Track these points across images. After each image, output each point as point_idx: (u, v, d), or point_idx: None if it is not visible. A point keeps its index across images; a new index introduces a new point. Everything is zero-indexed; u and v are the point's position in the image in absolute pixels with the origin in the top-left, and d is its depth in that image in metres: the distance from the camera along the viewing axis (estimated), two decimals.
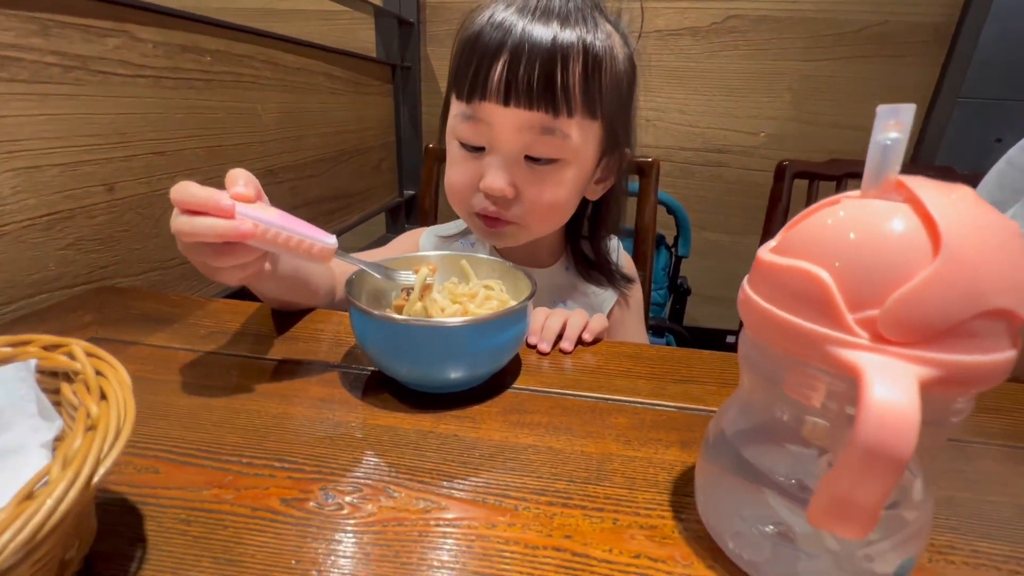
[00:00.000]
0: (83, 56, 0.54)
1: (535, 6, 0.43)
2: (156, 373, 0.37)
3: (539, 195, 0.47)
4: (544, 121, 0.44)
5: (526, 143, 0.45)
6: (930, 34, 1.25)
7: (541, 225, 0.51)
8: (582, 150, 0.47)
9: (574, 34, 0.43)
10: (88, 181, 0.55)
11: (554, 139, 0.45)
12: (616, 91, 0.47)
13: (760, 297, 0.20)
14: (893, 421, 0.15)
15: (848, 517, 0.17)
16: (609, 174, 0.53)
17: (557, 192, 0.47)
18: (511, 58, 0.42)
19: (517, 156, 0.46)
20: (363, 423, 0.33)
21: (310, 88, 1.00)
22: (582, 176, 0.49)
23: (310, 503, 0.26)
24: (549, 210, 0.49)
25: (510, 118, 0.44)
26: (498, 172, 0.46)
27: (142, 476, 0.27)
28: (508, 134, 0.45)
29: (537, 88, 0.42)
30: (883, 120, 0.18)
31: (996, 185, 0.63)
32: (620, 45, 0.47)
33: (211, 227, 0.31)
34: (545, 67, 0.42)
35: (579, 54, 0.43)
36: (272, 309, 0.48)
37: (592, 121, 0.46)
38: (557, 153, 0.46)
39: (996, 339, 0.17)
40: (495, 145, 0.46)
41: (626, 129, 0.51)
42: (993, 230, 0.17)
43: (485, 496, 0.27)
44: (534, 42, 0.42)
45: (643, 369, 0.40)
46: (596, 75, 0.44)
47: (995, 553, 0.25)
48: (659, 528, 0.25)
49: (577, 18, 0.43)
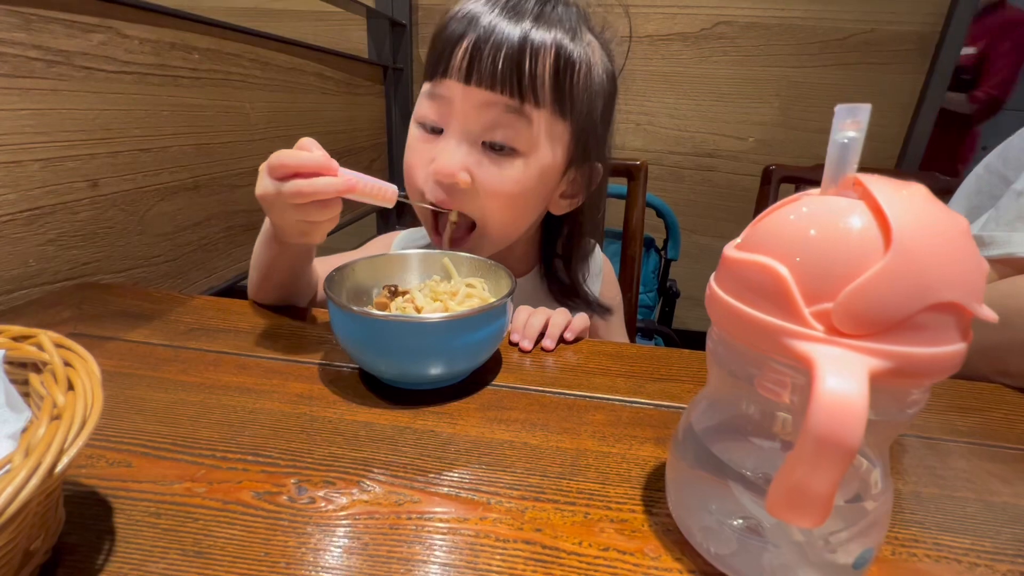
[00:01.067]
0: (67, 51, 0.53)
1: (513, 5, 0.43)
2: (133, 368, 0.37)
3: (498, 182, 0.45)
4: (507, 103, 0.42)
5: (485, 124, 0.44)
6: (914, 42, 1.28)
7: (498, 222, 0.47)
8: (545, 147, 0.45)
9: (549, 35, 0.42)
10: (71, 177, 0.55)
11: (516, 124, 0.43)
12: (590, 101, 0.46)
13: (724, 292, 0.21)
14: (842, 411, 0.15)
15: (803, 506, 0.17)
16: (577, 190, 0.51)
17: (516, 183, 0.45)
18: (477, 39, 0.42)
19: (475, 139, 0.44)
20: (340, 418, 0.33)
21: (301, 88, 1.00)
22: (545, 175, 0.46)
23: (282, 497, 0.26)
24: (506, 203, 0.46)
25: (472, 96, 0.43)
26: (451, 154, 0.44)
27: (114, 470, 0.27)
28: (468, 110, 0.43)
29: (502, 70, 0.41)
30: (841, 119, 0.19)
31: (974, 190, 0.64)
32: (601, 59, 0.47)
33: (330, 184, 0.36)
34: (512, 53, 0.41)
35: (551, 51, 0.42)
36: (254, 306, 0.48)
37: (560, 120, 0.45)
38: (518, 142, 0.44)
39: (945, 332, 0.17)
40: (454, 124, 0.44)
41: (599, 143, 0.50)
42: (943, 226, 0.17)
43: (458, 490, 0.27)
44: (502, 30, 0.42)
45: (622, 367, 0.41)
46: (568, 75, 0.43)
47: (956, 546, 0.25)
48: (629, 522, 0.26)
49: (555, 22, 0.43)
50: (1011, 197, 0.49)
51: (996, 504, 0.28)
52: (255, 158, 0.86)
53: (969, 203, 0.64)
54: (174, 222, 0.70)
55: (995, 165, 0.62)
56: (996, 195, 0.59)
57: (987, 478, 0.30)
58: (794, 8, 1.29)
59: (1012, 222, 0.46)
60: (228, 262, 0.82)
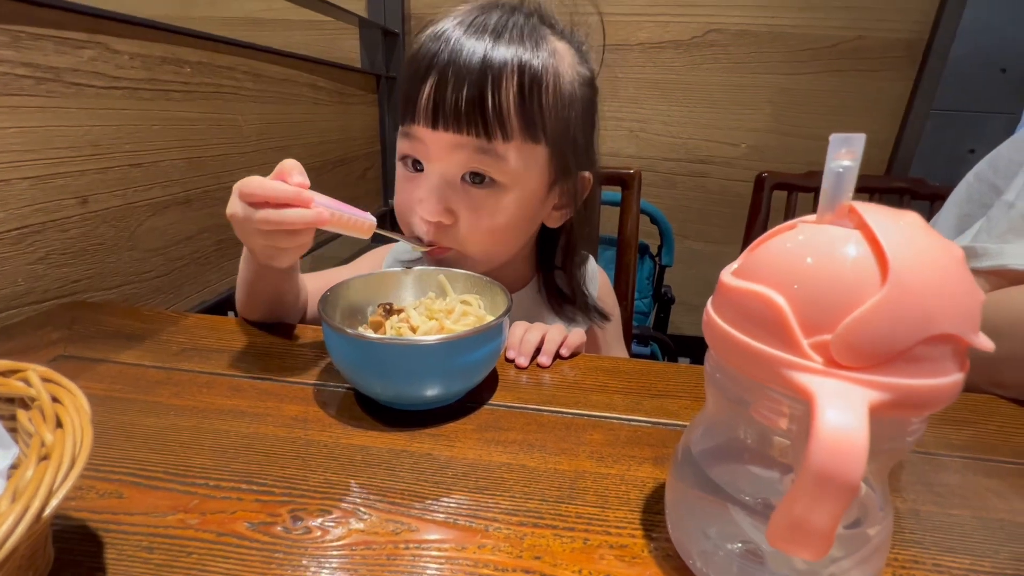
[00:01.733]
0: (56, 68, 0.53)
1: (469, 23, 0.43)
2: (124, 392, 0.36)
3: (477, 221, 0.45)
4: (476, 143, 0.42)
5: (461, 162, 0.44)
6: (903, 49, 1.29)
7: (482, 252, 0.48)
8: (523, 175, 0.45)
9: (509, 54, 0.41)
10: (60, 194, 0.55)
11: (490, 160, 0.43)
12: (562, 113, 0.45)
13: (722, 319, 0.21)
14: (843, 448, 0.15)
15: (804, 540, 0.17)
16: (569, 200, 0.50)
17: (495, 218, 0.45)
18: (438, 81, 0.41)
19: (453, 177, 0.45)
20: (336, 442, 0.32)
21: (293, 99, 1.00)
22: (527, 202, 0.46)
23: (277, 527, 0.26)
24: (488, 237, 0.47)
25: (441, 139, 0.43)
26: (432, 198, 0.44)
27: (105, 501, 0.27)
28: (442, 153, 0.44)
29: (465, 111, 0.41)
30: (835, 148, 0.19)
31: (965, 198, 0.65)
32: (570, 64, 0.46)
33: (299, 216, 0.36)
34: (473, 89, 0.41)
35: (513, 75, 0.41)
36: (246, 324, 0.48)
37: (534, 145, 0.44)
38: (494, 175, 0.44)
39: (943, 363, 0.17)
40: (431, 163, 0.45)
41: (580, 152, 0.49)
42: (938, 257, 0.17)
43: (456, 517, 0.27)
44: (463, 61, 0.41)
45: (619, 384, 0.41)
46: (535, 96, 0.42)
47: (956, 567, 0.25)
48: (629, 547, 0.25)
49: (515, 36, 0.42)
50: (1002, 208, 0.49)
51: (993, 521, 0.28)
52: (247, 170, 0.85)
53: (960, 211, 0.65)
54: (165, 237, 0.70)
55: (985, 173, 0.63)
56: (986, 203, 0.59)
57: (984, 494, 0.31)
58: (784, 16, 1.30)
59: (1003, 234, 0.47)
60: (220, 275, 0.82)
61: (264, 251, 0.40)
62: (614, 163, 0.83)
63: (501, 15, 0.43)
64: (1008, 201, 0.49)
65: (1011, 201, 0.48)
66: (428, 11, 1.42)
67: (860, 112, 1.35)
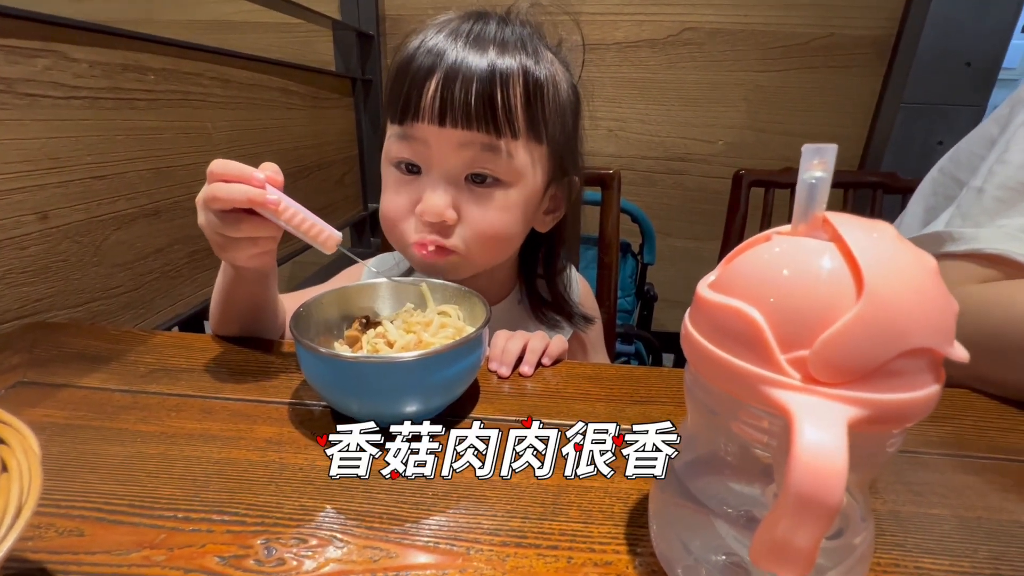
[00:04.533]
0: (8, 79, 0.51)
1: (467, 32, 0.43)
2: (87, 419, 0.35)
3: (483, 218, 0.44)
4: (485, 140, 0.42)
5: (466, 161, 0.43)
6: (872, 45, 1.32)
7: (485, 255, 0.47)
8: (529, 173, 0.45)
9: (514, 61, 0.42)
10: (18, 210, 0.52)
11: (498, 158, 0.43)
12: (561, 118, 0.46)
13: (699, 333, 0.20)
14: (821, 470, 0.15)
15: (787, 559, 0.17)
16: (559, 204, 0.51)
17: (503, 217, 0.45)
18: (445, 78, 0.41)
19: (457, 176, 0.44)
20: (311, 464, 0.31)
21: (265, 104, 0.98)
22: (529, 202, 0.47)
23: (249, 560, 0.25)
24: (494, 238, 0.46)
25: (447, 137, 0.42)
26: (437, 193, 0.43)
27: (64, 540, 0.25)
28: (447, 152, 0.43)
29: (476, 108, 0.41)
30: (808, 159, 0.18)
31: (930, 192, 0.66)
32: (562, 73, 0.47)
33: (243, 191, 0.35)
34: (483, 88, 0.41)
35: (519, 78, 0.42)
36: (219, 341, 0.46)
37: (538, 145, 0.45)
38: (500, 172, 0.44)
39: (920, 376, 0.17)
40: (433, 165, 0.44)
41: (573, 157, 0.50)
42: (912, 270, 0.17)
43: (436, 541, 0.26)
44: (469, 64, 0.41)
45: (601, 391, 0.40)
46: (539, 100, 0.43)
47: (936, 569, 0.25)
48: (614, 564, 0.25)
49: (516, 46, 0.43)
50: (971, 194, 0.50)
51: (971, 520, 0.29)
52: None
53: (926, 204, 0.67)
54: (133, 250, 0.67)
55: (948, 168, 0.64)
56: (950, 196, 0.61)
57: (962, 491, 0.31)
58: (756, 15, 1.32)
59: (977, 217, 0.48)
60: (193, 288, 0.79)
61: (214, 239, 0.39)
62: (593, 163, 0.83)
63: (498, 23, 0.44)
64: (977, 187, 0.50)
65: (980, 187, 0.49)
66: (402, 12, 1.40)
67: (832, 108, 1.37)
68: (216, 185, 0.36)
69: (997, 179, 0.48)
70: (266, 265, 0.43)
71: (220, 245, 0.39)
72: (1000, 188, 0.47)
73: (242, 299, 0.45)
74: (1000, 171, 0.48)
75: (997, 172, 0.48)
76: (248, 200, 0.35)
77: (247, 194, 0.35)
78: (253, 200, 0.36)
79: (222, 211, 0.37)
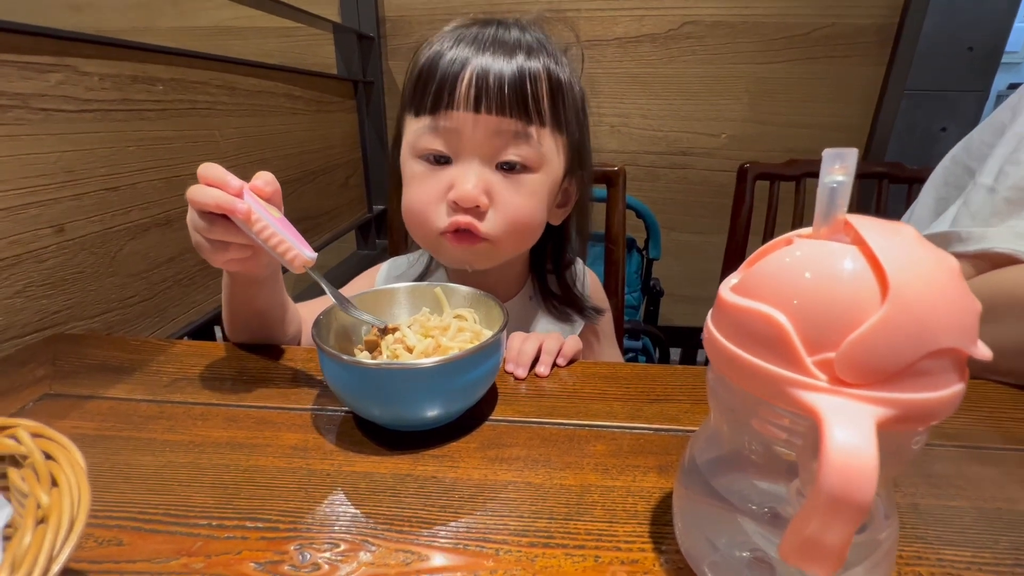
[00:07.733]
0: (23, 94, 0.51)
1: (492, 35, 0.45)
2: (116, 429, 0.36)
3: (513, 203, 0.46)
4: (517, 127, 0.44)
5: (497, 148, 0.45)
6: (874, 34, 1.31)
7: (512, 242, 0.48)
8: (553, 160, 0.48)
9: (538, 61, 0.45)
10: (35, 224, 0.53)
11: (527, 144, 0.45)
12: (577, 115, 0.49)
13: (723, 336, 0.21)
14: (853, 468, 0.15)
15: (817, 557, 0.17)
16: (569, 198, 0.53)
17: (531, 202, 0.47)
18: (480, 70, 0.43)
19: (489, 162, 0.45)
20: (338, 470, 0.32)
21: (270, 110, 0.98)
22: (552, 188, 0.49)
23: (285, 566, 0.25)
24: (523, 223, 0.47)
25: (482, 124, 0.44)
26: (470, 178, 0.44)
27: (104, 550, 0.26)
28: (481, 139, 0.44)
29: (509, 96, 0.43)
30: (829, 164, 0.19)
31: (941, 182, 0.66)
32: (575, 76, 0.49)
33: (213, 196, 0.36)
34: (515, 79, 0.44)
35: (544, 75, 0.45)
36: (237, 349, 0.47)
37: (559, 135, 0.47)
38: (529, 159, 0.46)
39: (946, 375, 0.17)
40: (465, 153, 0.45)
41: (586, 152, 0.53)
42: (936, 271, 0.17)
43: (466, 542, 0.27)
44: (500, 60, 0.44)
45: (618, 390, 0.41)
46: (560, 95, 0.46)
47: (958, 560, 0.26)
48: (640, 562, 0.26)
49: (539, 48, 0.46)
50: (980, 192, 0.50)
51: (991, 511, 0.29)
52: None
53: (937, 194, 0.66)
54: (147, 260, 0.68)
55: (960, 156, 0.64)
56: (961, 185, 0.61)
57: (980, 483, 0.31)
58: (756, 7, 1.31)
59: (987, 218, 0.48)
60: (206, 295, 0.80)
61: (193, 235, 0.40)
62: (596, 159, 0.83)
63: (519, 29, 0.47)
64: (988, 185, 0.50)
65: (991, 185, 0.49)
66: (402, 14, 1.40)
67: (835, 98, 1.37)
68: (195, 186, 0.37)
69: (1010, 180, 0.48)
70: (251, 271, 0.43)
71: (199, 245, 0.40)
72: (1012, 189, 0.47)
73: (241, 304, 0.46)
74: (1013, 172, 0.48)
75: (1010, 173, 0.48)
76: (216, 205, 0.36)
77: (217, 199, 0.36)
78: (220, 205, 0.36)
79: (201, 212, 0.38)
